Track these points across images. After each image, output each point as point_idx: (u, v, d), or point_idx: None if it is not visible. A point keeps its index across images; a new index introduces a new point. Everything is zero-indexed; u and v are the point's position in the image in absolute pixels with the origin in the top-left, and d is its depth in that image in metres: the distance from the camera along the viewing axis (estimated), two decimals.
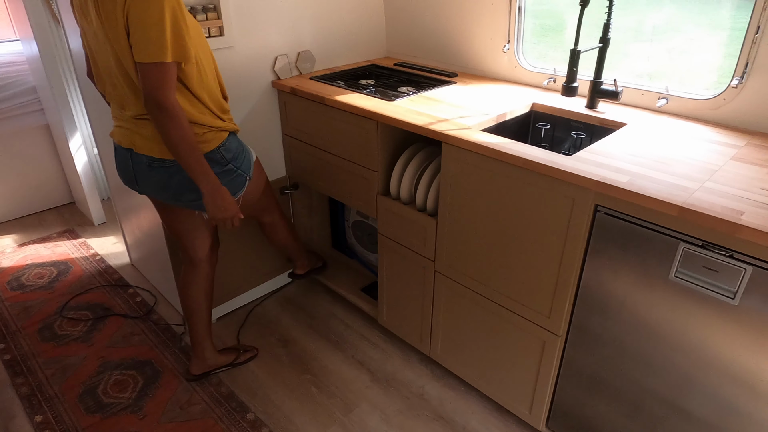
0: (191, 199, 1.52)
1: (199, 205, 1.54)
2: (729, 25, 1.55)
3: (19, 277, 2.54)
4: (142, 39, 1.23)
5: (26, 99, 2.91)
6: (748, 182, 1.16)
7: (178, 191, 1.50)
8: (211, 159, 1.46)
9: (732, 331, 1.10)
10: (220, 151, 1.48)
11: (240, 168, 1.55)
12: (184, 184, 1.47)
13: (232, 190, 1.55)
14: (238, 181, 1.57)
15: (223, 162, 1.50)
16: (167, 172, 1.46)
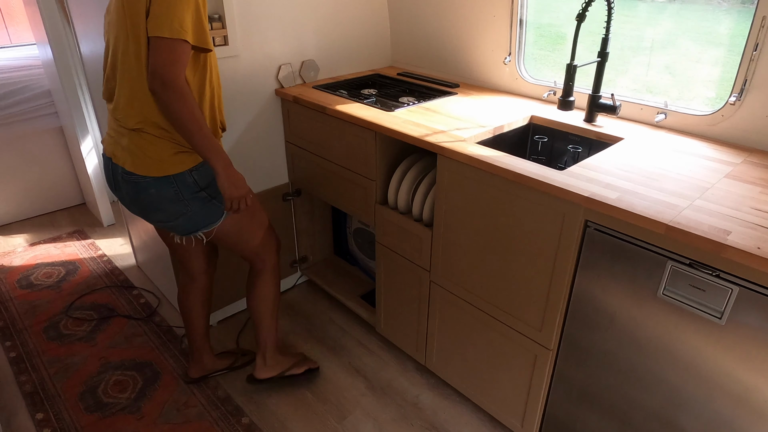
0: (158, 219, 1.46)
1: (170, 226, 1.48)
2: (727, 42, 1.54)
3: (28, 276, 2.60)
4: (164, 14, 1.19)
5: (41, 102, 2.99)
6: (740, 201, 1.15)
7: (145, 209, 1.44)
8: (181, 182, 1.39)
9: (720, 351, 1.10)
10: (192, 175, 1.40)
11: (215, 198, 1.46)
12: (152, 203, 1.41)
13: (201, 222, 1.46)
14: (211, 211, 1.47)
15: (195, 188, 1.41)
16: (135, 187, 1.40)
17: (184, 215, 1.44)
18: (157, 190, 1.38)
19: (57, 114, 3.04)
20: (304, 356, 1.97)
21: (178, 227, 1.48)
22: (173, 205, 1.41)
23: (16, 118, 2.94)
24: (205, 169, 1.42)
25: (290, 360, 1.91)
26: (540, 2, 1.88)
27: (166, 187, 1.38)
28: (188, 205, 1.42)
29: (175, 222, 1.45)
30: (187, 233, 1.51)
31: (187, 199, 1.41)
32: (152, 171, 1.36)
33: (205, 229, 1.50)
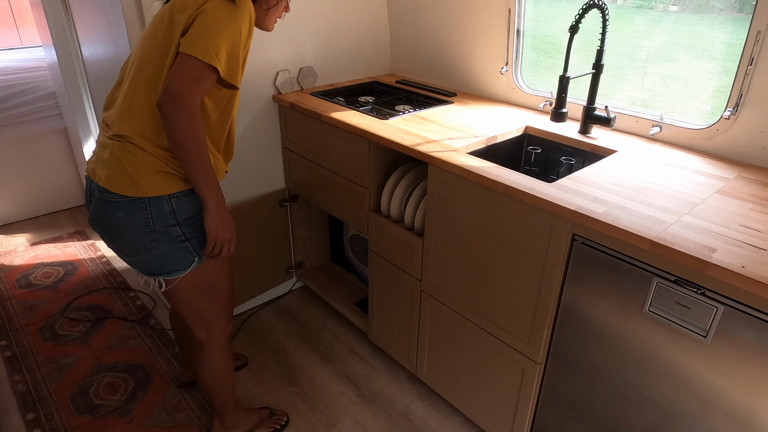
0: (120, 250, 1.29)
1: (130, 261, 1.31)
2: (722, 56, 1.53)
3: (28, 275, 2.62)
4: (203, 35, 1.13)
5: (46, 104, 3.03)
6: (729, 218, 1.14)
7: (108, 233, 1.28)
8: (156, 208, 1.22)
9: (706, 369, 1.08)
10: (170, 203, 1.23)
11: (190, 240, 1.28)
12: (117, 227, 1.24)
13: (164, 266, 1.28)
14: (179, 256, 1.28)
15: (171, 219, 1.24)
16: (103, 206, 1.24)
17: (148, 252, 1.27)
18: (126, 213, 1.22)
19: (61, 116, 3.08)
20: (270, 411, 1.78)
21: (138, 264, 1.31)
22: (139, 237, 1.25)
23: (22, 118, 2.98)
24: (187, 201, 1.26)
25: (253, 418, 1.71)
26: (539, 13, 1.88)
27: (137, 212, 1.22)
28: (156, 241, 1.25)
29: (137, 258, 1.28)
30: (150, 274, 1.32)
31: (157, 232, 1.24)
32: (126, 189, 1.21)
33: (168, 276, 1.31)
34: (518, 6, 1.79)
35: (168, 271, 1.31)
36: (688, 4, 1.63)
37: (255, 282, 2.32)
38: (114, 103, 1.32)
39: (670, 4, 1.68)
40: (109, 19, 1.74)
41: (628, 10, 1.84)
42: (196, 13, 1.16)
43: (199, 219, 1.30)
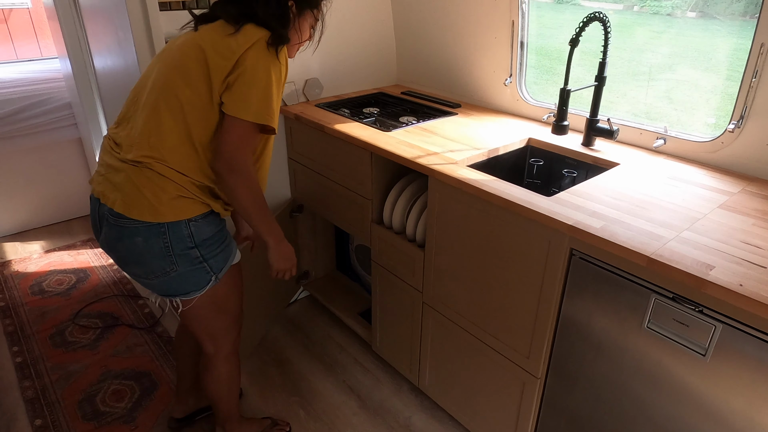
0: (135, 273, 1.28)
1: (146, 284, 1.31)
2: (725, 69, 1.51)
3: (41, 282, 2.67)
4: (252, 95, 1.16)
5: (61, 114, 3.10)
6: (730, 233, 1.12)
7: (124, 258, 1.26)
8: (174, 233, 1.21)
9: (705, 387, 1.06)
10: (189, 227, 1.23)
11: (207, 261, 1.28)
12: (134, 253, 1.23)
13: (181, 287, 1.28)
14: (198, 277, 1.28)
15: (189, 242, 1.23)
16: (119, 232, 1.22)
17: (166, 275, 1.25)
18: (144, 239, 1.21)
19: (76, 126, 3.14)
20: (272, 421, 1.78)
21: (155, 286, 1.30)
22: (157, 261, 1.23)
23: (39, 128, 3.05)
24: (204, 223, 1.26)
25: (255, 428, 1.73)
26: (543, 26, 1.88)
27: (155, 237, 1.21)
28: (174, 263, 1.24)
29: (155, 280, 1.27)
30: (164, 295, 1.32)
31: (176, 255, 1.23)
32: (145, 215, 1.19)
33: (185, 297, 1.31)
34: (521, 18, 1.79)
35: (185, 291, 1.30)
36: (707, 10, 1.62)
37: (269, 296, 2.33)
38: (126, 122, 1.28)
39: (687, 9, 1.67)
40: (118, 33, 1.78)
41: (645, 17, 1.83)
42: (240, 69, 1.15)
43: (216, 240, 1.30)
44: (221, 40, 1.18)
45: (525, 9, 1.79)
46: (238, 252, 1.42)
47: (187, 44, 1.23)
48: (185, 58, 1.20)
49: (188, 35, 1.26)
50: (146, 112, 1.23)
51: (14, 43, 3.86)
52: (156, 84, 1.23)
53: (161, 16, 1.69)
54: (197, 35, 1.23)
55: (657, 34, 1.79)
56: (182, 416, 1.81)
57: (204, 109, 1.20)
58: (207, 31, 1.22)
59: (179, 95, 1.20)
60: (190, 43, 1.22)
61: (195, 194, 1.24)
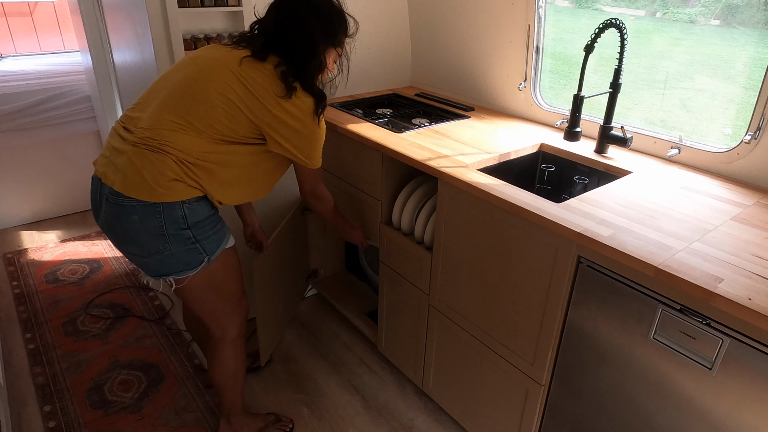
0: (131, 252, 1.34)
1: (141, 263, 1.36)
2: (744, 78, 1.49)
3: (55, 271, 2.72)
4: (311, 150, 1.44)
5: (81, 107, 3.15)
6: (741, 246, 1.10)
7: (122, 238, 1.32)
8: (169, 214, 1.27)
9: (710, 401, 1.05)
10: (183, 209, 1.28)
11: (200, 242, 1.33)
12: (131, 231, 1.29)
13: (175, 266, 1.33)
14: (190, 256, 1.34)
15: (182, 223, 1.29)
16: (118, 210, 1.28)
17: (160, 253, 1.31)
18: (140, 218, 1.27)
19: (95, 118, 3.19)
20: (276, 417, 1.82)
21: (149, 266, 1.35)
22: (152, 240, 1.29)
23: (58, 120, 3.11)
24: (198, 206, 1.32)
25: (258, 423, 1.76)
26: (564, 30, 1.87)
27: (150, 216, 1.27)
28: (168, 243, 1.30)
29: (149, 259, 1.32)
30: (158, 275, 1.36)
31: (169, 234, 1.29)
32: (143, 194, 1.25)
33: (177, 275, 1.36)
34: (538, 23, 1.78)
35: (179, 270, 1.35)
36: (732, 19, 1.60)
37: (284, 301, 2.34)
38: (141, 109, 1.34)
39: (711, 17, 1.65)
40: (137, 29, 1.81)
41: (666, 24, 1.81)
42: (299, 128, 1.35)
43: (209, 223, 1.36)
44: (271, 98, 1.31)
45: (542, 13, 1.78)
46: (232, 237, 1.47)
47: (217, 58, 1.33)
48: (226, 89, 1.29)
49: (229, 57, 1.33)
50: (163, 105, 1.30)
51: (38, 36, 3.94)
52: (182, 85, 1.31)
53: (180, 13, 1.71)
54: (243, 72, 1.30)
55: (677, 41, 1.77)
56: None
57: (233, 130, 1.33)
58: (253, 73, 1.30)
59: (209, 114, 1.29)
60: (233, 77, 1.30)
61: (190, 180, 1.29)
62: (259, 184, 1.46)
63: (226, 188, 1.37)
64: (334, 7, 1.38)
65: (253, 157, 1.38)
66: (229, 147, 1.33)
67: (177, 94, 1.30)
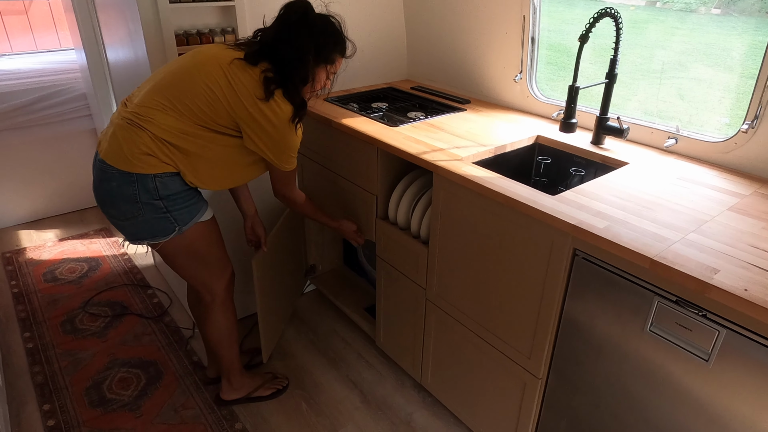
0: (111, 215, 1.47)
1: (119, 226, 1.49)
2: (741, 67, 1.47)
3: (54, 270, 2.72)
4: (282, 153, 1.46)
5: (77, 105, 3.14)
6: (738, 236, 1.09)
7: (103, 199, 1.45)
8: (142, 184, 1.39)
9: (707, 392, 1.04)
10: (155, 181, 1.39)
11: (171, 212, 1.44)
12: (110, 195, 1.42)
13: (147, 231, 1.46)
14: (162, 225, 1.45)
15: (154, 194, 1.41)
16: (101, 175, 1.42)
17: (134, 218, 1.43)
18: (118, 184, 1.39)
19: (91, 116, 3.18)
20: (272, 375, 1.97)
21: (126, 229, 1.48)
22: (127, 205, 1.41)
23: (55, 119, 3.10)
24: (170, 181, 1.42)
25: (257, 381, 1.91)
26: (563, 21, 1.85)
27: (126, 184, 1.38)
28: (141, 210, 1.41)
29: (125, 222, 1.45)
30: (133, 239, 1.51)
31: (142, 203, 1.40)
32: (120, 164, 1.37)
33: (151, 241, 1.49)
34: (533, 14, 1.77)
35: (152, 236, 1.48)
36: (732, 7, 1.58)
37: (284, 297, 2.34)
38: (143, 88, 1.45)
39: (712, 6, 1.63)
40: (129, 26, 1.80)
41: (665, 13, 1.79)
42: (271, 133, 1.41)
43: (181, 197, 1.46)
44: (250, 97, 1.38)
45: (536, 4, 1.76)
46: (209, 211, 1.57)
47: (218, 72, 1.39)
48: (212, 81, 1.38)
49: (223, 56, 1.41)
50: (155, 86, 1.41)
51: (34, 34, 3.92)
52: (176, 72, 1.42)
53: (171, 9, 1.70)
54: (231, 71, 1.38)
55: (675, 30, 1.75)
56: (216, 375, 1.95)
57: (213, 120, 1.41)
58: (240, 74, 1.38)
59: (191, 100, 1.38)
60: (221, 73, 1.38)
61: (163, 156, 1.39)
62: (234, 176, 1.55)
63: (200, 174, 1.46)
64: (330, 29, 1.45)
65: (229, 150, 1.46)
66: (207, 134, 1.41)
67: (168, 79, 1.41)
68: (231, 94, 1.38)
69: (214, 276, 1.65)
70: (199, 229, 1.53)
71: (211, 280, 1.64)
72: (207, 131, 1.41)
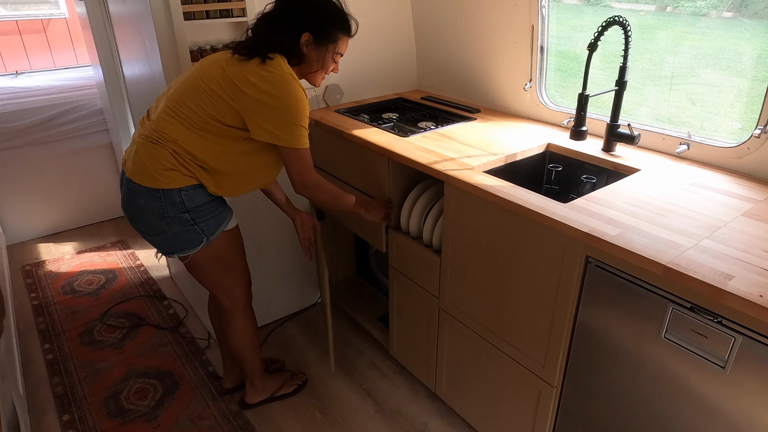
0: (142, 230, 1.50)
1: (151, 241, 1.52)
2: (752, 73, 1.46)
3: (72, 282, 2.77)
4: (291, 127, 1.39)
5: (94, 120, 3.21)
6: (752, 242, 1.09)
7: (132, 216, 1.49)
8: (168, 199, 1.42)
9: (724, 400, 1.03)
10: (180, 195, 1.43)
11: (198, 224, 1.48)
12: (139, 212, 1.46)
13: (177, 245, 1.49)
14: (190, 237, 1.48)
15: (181, 208, 1.44)
16: (129, 193, 1.45)
17: (163, 233, 1.47)
18: (145, 200, 1.43)
19: (107, 131, 3.25)
20: (290, 374, 2.05)
21: (156, 243, 1.52)
22: (156, 220, 1.45)
23: (73, 134, 3.17)
24: (195, 193, 1.45)
25: (278, 381, 1.98)
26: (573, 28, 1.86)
27: (153, 200, 1.42)
28: (170, 224, 1.45)
29: (155, 237, 1.49)
30: (165, 252, 1.55)
31: (170, 217, 1.44)
32: (146, 181, 1.41)
33: (181, 254, 1.52)
34: (541, 23, 1.78)
35: (181, 249, 1.51)
36: (744, 11, 1.58)
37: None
38: (159, 104, 1.49)
39: (724, 9, 1.63)
40: (145, 43, 1.84)
41: (676, 18, 1.79)
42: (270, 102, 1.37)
43: (207, 208, 1.49)
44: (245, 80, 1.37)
45: (545, 13, 1.77)
46: (234, 219, 1.61)
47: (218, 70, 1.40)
48: (212, 81, 1.40)
49: (222, 56, 1.44)
50: (167, 102, 1.45)
51: (52, 52, 4.03)
52: (184, 83, 1.45)
53: (186, 25, 1.74)
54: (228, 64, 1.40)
55: (686, 34, 1.75)
56: (231, 386, 1.99)
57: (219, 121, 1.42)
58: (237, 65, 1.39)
59: (198, 106, 1.41)
60: (220, 70, 1.40)
61: (185, 171, 1.43)
62: (254, 180, 1.56)
63: (221, 183, 1.48)
64: (328, 5, 1.44)
65: (245, 157, 1.47)
66: (220, 140, 1.42)
67: (179, 92, 1.44)
68: (229, 85, 1.38)
69: (236, 283, 1.68)
70: (225, 238, 1.56)
71: (233, 288, 1.67)
72: (219, 137, 1.42)
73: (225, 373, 2.00)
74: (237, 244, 1.64)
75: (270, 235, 2.18)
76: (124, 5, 2.02)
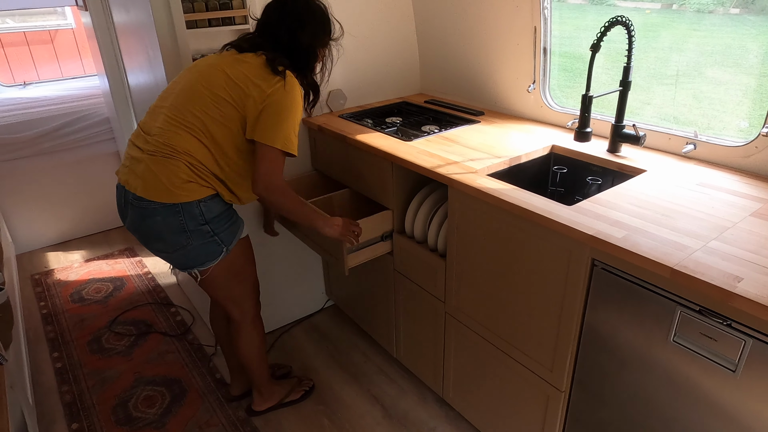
0: (158, 249, 1.48)
1: (168, 258, 1.50)
2: (759, 70, 1.45)
3: (80, 290, 2.78)
4: (277, 126, 1.38)
5: (101, 129, 3.23)
6: (761, 243, 1.07)
7: (148, 236, 1.46)
8: (188, 212, 1.41)
9: (735, 403, 1.01)
10: (199, 207, 1.42)
11: (218, 235, 1.47)
12: (156, 230, 1.43)
13: (198, 258, 1.47)
14: (210, 249, 1.47)
15: (201, 220, 1.43)
16: (142, 213, 1.41)
17: (183, 248, 1.45)
18: (163, 218, 1.40)
19: (114, 140, 3.27)
20: (298, 380, 2.04)
21: (175, 260, 1.50)
22: (175, 236, 1.42)
23: (80, 143, 3.20)
24: (213, 203, 1.45)
25: (286, 387, 1.97)
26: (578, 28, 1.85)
27: (172, 215, 1.40)
28: (190, 238, 1.43)
29: (174, 254, 1.47)
30: (183, 268, 1.53)
31: (190, 231, 1.42)
32: (162, 197, 1.38)
33: (201, 267, 1.51)
34: (544, 24, 1.77)
35: (201, 262, 1.50)
36: (751, 7, 1.56)
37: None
38: (154, 117, 1.47)
39: (731, 6, 1.62)
40: (149, 52, 1.85)
41: (682, 15, 1.78)
42: (267, 102, 1.38)
43: (224, 217, 1.49)
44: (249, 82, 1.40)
45: (547, 14, 1.76)
46: (246, 228, 1.61)
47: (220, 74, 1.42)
48: (216, 87, 1.41)
49: (213, 63, 1.45)
50: (169, 114, 1.43)
51: (60, 62, 4.07)
52: (183, 92, 1.44)
53: (188, 33, 1.75)
54: (229, 69, 1.42)
55: (692, 32, 1.73)
56: (239, 393, 1.99)
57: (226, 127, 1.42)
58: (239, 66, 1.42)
59: (203, 113, 1.41)
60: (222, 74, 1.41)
61: (202, 181, 1.42)
62: None
63: (236, 189, 1.50)
64: (323, 13, 1.51)
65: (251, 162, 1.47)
66: (229, 150, 1.43)
67: (180, 101, 1.43)
68: (233, 87, 1.39)
69: (246, 295, 1.67)
70: (238, 248, 1.56)
71: (243, 298, 1.67)
72: (228, 143, 1.42)
73: (232, 380, 2.00)
74: (249, 253, 1.64)
75: (276, 241, 2.18)
76: (128, 15, 2.04)
